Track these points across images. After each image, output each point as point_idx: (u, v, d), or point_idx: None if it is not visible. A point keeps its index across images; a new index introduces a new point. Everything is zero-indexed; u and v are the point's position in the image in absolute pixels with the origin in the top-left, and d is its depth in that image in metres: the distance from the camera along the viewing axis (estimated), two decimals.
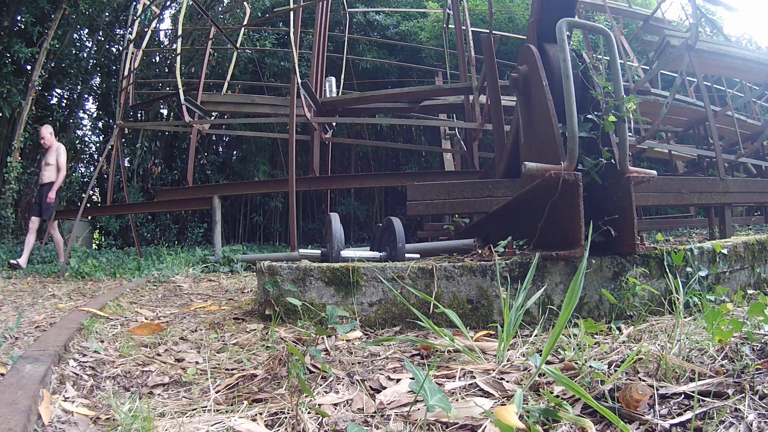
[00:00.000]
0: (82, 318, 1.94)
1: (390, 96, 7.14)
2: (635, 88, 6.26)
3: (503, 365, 1.26)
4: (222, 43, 9.51)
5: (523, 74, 2.35)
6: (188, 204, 6.82)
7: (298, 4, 5.86)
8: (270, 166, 12.28)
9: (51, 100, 11.11)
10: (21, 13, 9.00)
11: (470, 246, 3.10)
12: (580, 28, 2.57)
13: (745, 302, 1.88)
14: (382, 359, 1.43)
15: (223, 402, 1.17)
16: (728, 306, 1.48)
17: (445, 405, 0.88)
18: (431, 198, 3.37)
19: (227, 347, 1.67)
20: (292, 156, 5.10)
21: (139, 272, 4.44)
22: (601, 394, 1.00)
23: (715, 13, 11.59)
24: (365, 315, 1.86)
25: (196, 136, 7.50)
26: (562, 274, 1.84)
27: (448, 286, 1.85)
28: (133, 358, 1.54)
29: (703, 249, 2.02)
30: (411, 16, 12.29)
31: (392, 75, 12.23)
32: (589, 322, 1.39)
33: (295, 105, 5.23)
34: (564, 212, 1.83)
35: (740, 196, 4.71)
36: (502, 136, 3.82)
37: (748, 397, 0.91)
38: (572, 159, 1.79)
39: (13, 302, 2.71)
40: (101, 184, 11.82)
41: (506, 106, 5.02)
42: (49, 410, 1.05)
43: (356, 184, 7.98)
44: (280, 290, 1.93)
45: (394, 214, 9.63)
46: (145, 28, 8.09)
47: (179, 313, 2.35)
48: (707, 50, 5.18)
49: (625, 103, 1.89)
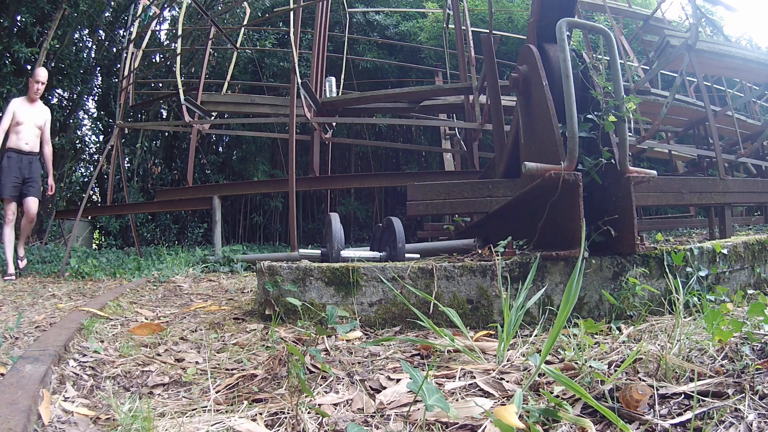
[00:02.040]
0: (82, 318, 1.94)
1: (390, 96, 7.14)
2: (635, 88, 6.25)
3: (503, 365, 1.26)
4: (222, 43, 9.51)
5: (523, 74, 2.35)
6: (188, 204, 6.82)
7: (298, 4, 5.85)
8: (270, 166, 12.28)
9: (51, 100, 11.11)
10: (21, 13, 9.00)
11: (470, 246, 3.10)
12: (580, 28, 2.57)
13: (745, 302, 1.88)
14: (382, 359, 1.43)
15: (223, 402, 1.17)
16: (728, 306, 1.48)
17: (443, 405, 0.88)
18: (431, 198, 3.37)
19: (227, 347, 1.67)
20: (292, 156, 5.10)
21: (139, 272, 4.44)
22: (601, 394, 1.00)
23: (715, 13, 11.59)
24: (365, 315, 1.86)
25: (196, 136, 7.51)
26: (562, 274, 1.84)
27: (448, 286, 1.85)
28: (133, 358, 1.54)
29: (703, 249, 2.02)
30: (410, 16, 12.28)
31: (392, 75, 12.22)
32: (589, 322, 1.39)
33: (295, 105, 5.23)
34: (564, 212, 1.83)
35: (740, 196, 4.71)
36: (502, 136, 3.82)
37: (748, 397, 0.91)
38: (572, 159, 1.79)
39: (13, 302, 2.71)
40: (101, 184, 11.81)
41: (506, 106, 5.02)
42: (49, 410, 1.05)
43: (356, 184, 7.98)
44: (280, 290, 1.93)
45: (394, 214, 9.63)
46: (145, 28, 8.09)
47: (179, 313, 2.35)
48: (707, 50, 5.18)
49: (625, 103, 1.89)
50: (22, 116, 4.76)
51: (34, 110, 4.87)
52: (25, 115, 4.79)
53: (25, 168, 4.76)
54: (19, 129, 4.74)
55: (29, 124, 4.81)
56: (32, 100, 4.83)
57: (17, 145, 4.73)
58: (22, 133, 4.76)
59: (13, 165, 4.70)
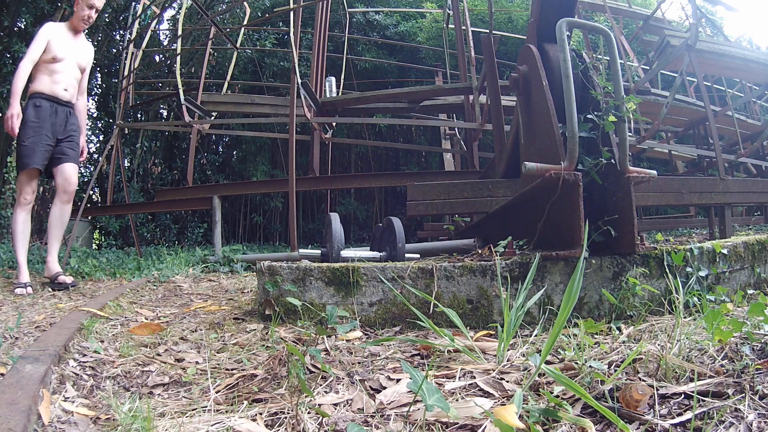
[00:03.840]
0: (82, 318, 1.94)
1: (390, 96, 7.14)
2: (635, 88, 6.25)
3: (503, 365, 1.26)
4: (222, 43, 9.50)
5: (523, 74, 2.35)
6: (188, 204, 6.82)
7: (298, 4, 5.85)
8: (270, 166, 12.28)
9: None
10: (21, 14, 9.00)
11: (470, 246, 3.10)
12: (580, 28, 2.57)
13: (745, 302, 1.88)
14: (382, 359, 1.43)
15: (223, 402, 1.17)
16: (728, 306, 1.48)
17: (443, 405, 0.88)
18: (431, 198, 3.37)
19: (227, 347, 1.67)
20: (292, 156, 5.10)
21: (139, 272, 4.44)
22: (601, 394, 1.00)
23: (715, 13, 11.59)
24: (365, 315, 1.86)
25: (196, 136, 7.50)
26: (562, 274, 1.84)
27: (448, 286, 1.85)
28: (133, 358, 1.54)
29: (703, 249, 2.02)
30: (410, 16, 12.29)
31: (392, 75, 12.23)
32: (589, 322, 1.39)
33: (295, 105, 5.22)
34: (564, 212, 1.83)
35: (740, 196, 4.71)
36: (502, 136, 3.82)
37: (748, 397, 0.91)
38: (572, 159, 1.79)
39: (13, 302, 2.71)
40: (101, 184, 11.81)
41: (506, 106, 5.02)
42: (49, 410, 1.05)
43: (356, 184, 7.97)
44: (280, 290, 1.93)
45: (394, 214, 9.62)
46: (145, 28, 8.09)
47: (179, 313, 2.35)
48: (707, 50, 5.18)
49: (625, 103, 1.89)
50: (61, 49, 3.29)
51: (78, 45, 3.44)
52: (66, 48, 3.33)
53: (60, 124, 3.31)
54: (57, 67, 3.28)
55: (71, 63, 3.36)
56: (77, 30, 3.42)
57: (52, 90, 3.28)
58: (60, 73, 3.30)
59: (44, 118, 3.23)
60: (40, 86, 3.27)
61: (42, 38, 3.25)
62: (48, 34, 3.27)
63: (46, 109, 3.26)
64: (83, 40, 3.54)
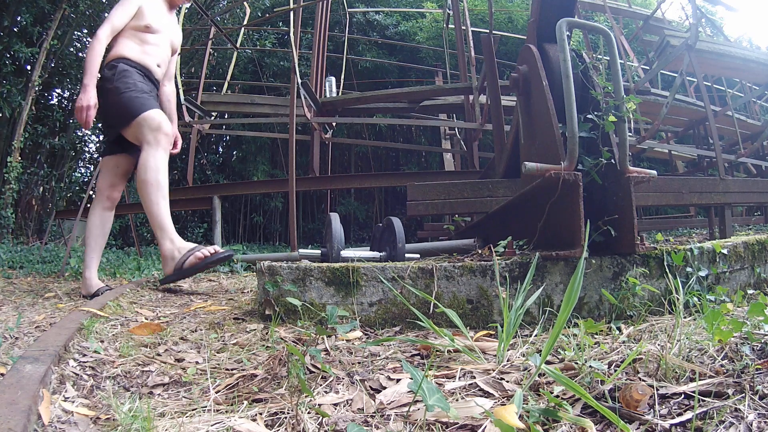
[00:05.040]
0: (82, 318, 1.94)
1: (390, 96, 7.15)
2: (635, 88, 6.26)
3: (503, 365, 1.26)
4: (222, 43, 9.51)
5: (523, 74, 2.35)
6: (188, 204, 6.82)
7: (298, 4, 5.86)
8: (270, 166, 12.28)
9: (51, 100, 11.11)
10: (21, 13, 9.00)
11: (470, 246, 3.10)
12: (580, 28, 2.57)
13: (745, 302, 1.88)
14: (382, 359, 1.43)
15: (223, 402, 1.17)
16: (728, 306, 1.48)
17: (443, 405, 0.88)
18: (431, 198, 3.37)
19: (227, 347, 1.67)
20: (292, 156, 5.10)
21: (139, 272, 4.43)
22: (601, 394, 1.00)
23: (715, 13, 11.60)
24: (365, 315, 1.86)
25: (196, 136, 7.51)
26: (562, 274, 1.84)
27: (448, 286, 1.85)
28: (133, 358, 1.54)
29: (703, 249, 2.02)
30: (410, 16, 12.29)
31: (392, 75, 12.23)
32: (589, 322, 1.39)
33: (295, 105, 5.22)
34: (564, 212, 1.83)
35: (740, 196, 4.71)
36: (502, 136, 3.82)
37: (748, 397, 0.91)
38: (572, 159, 1.79)
39: (13, 302, 2.71)
40: None
41: (506, 106, 5.03)
42: (49, 410, 1.05)
43: (356, 184, 7.97)
44: (280, 290, 1.93)
45: (394, 214, 9.62)
46: None
47: (179, 313, 2.35)
48: (707, 50, 5.18)
49: (625, 103, 1.89)
50: (156, 20, 2.74)
51: (172, 22, 2.94)
52: (161, 20, 2.79)
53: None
54: (150, 38, 2.72)
55: (165, 38, 2.82)
56: (172, 5, 2.90)
57: (143, 60, 2.70)
58: (154, 45, 2.74)
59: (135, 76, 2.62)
60: (126, 51, 2.64)
61: (133, 1, 2.66)
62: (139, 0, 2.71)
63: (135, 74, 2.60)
64: (175, 19, 3.02)
